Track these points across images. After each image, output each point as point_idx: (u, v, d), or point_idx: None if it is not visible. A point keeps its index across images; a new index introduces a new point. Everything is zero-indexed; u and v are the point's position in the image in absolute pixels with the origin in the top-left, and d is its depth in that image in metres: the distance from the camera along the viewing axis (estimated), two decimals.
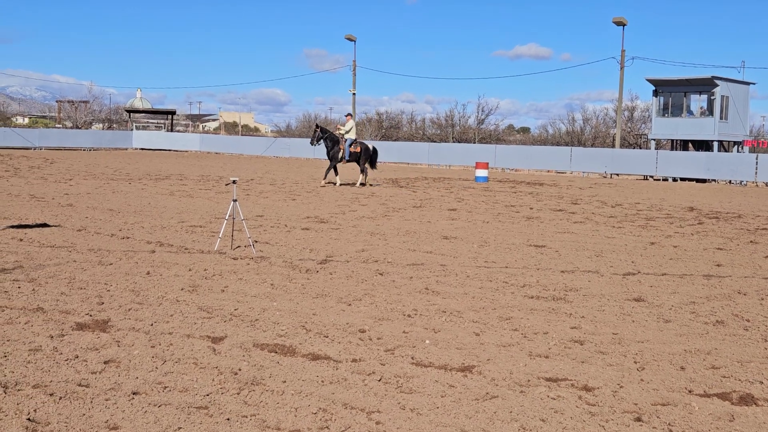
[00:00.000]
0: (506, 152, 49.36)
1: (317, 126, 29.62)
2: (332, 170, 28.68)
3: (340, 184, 28.49)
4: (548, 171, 48.06)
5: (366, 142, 31.32)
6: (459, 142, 69.61)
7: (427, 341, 7.28)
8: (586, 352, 7.07)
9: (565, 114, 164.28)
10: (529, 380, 6.19)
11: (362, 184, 28.63)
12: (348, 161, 28.96)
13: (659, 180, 41.23)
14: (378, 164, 30.92)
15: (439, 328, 7.80)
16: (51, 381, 5.71)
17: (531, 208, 21.50)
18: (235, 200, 12.60)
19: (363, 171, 29.08)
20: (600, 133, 74.34)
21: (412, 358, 6.72)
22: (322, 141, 28.74)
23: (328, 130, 29.51)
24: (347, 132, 28.97)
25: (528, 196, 26.60)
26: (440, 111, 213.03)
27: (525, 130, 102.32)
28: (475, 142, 68.74)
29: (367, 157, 29.05)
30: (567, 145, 67.69)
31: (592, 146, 66.94)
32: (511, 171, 47.75)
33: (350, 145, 28.59)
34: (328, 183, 28.61)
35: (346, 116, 30.11)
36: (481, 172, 35.03)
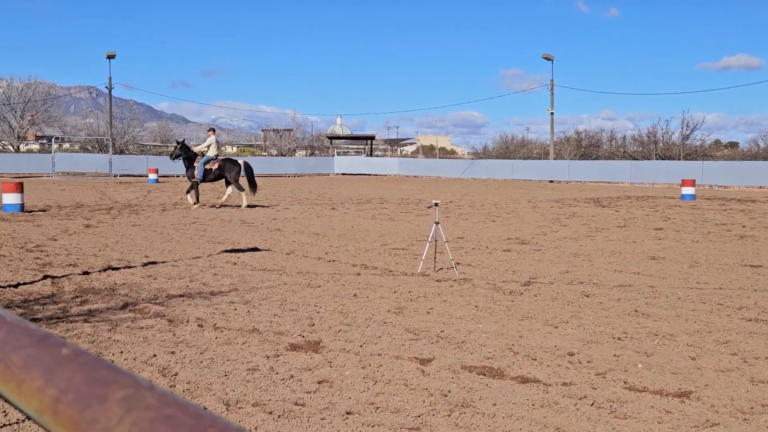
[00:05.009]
0: (714, 168, 47.35)
1: (177, 142, 26.95)
2: (195, 190, 26.05)
3: (198, 206, 25.73)
4: (760, 187, 45.63)
5: (237, 158, 28.23)
6: (662, 159, 67.40)
7: (640, 365, 7.04)
8: None
9: None
10: (752, 407, 5.85)
11: (223, 205, 25.96)
12: (204, 181, 26.03)
13: None
14: (578, 183, 29.00)
15: (652, 352, 7.52)
16: (269, 399, 5.92)
17: (744, 227, 20.47)
18: (437, 222, 12.68)
19: (228, 187, 26.02)
20: None
21: (625, 382, 6.51)
22: (180, 158, 26.16)
23: (189, 148, 26.48)
24: (207, 148, 26.15)
25: (740, 213, 25.35)
26: (642, 127, 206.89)
27: (733, 145, 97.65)
28: (679, 159, 66.34)
29: (233, 174, 25.85)
30: None
31: None
32: (719, 188, 45.71)
33: (205, 163, 25.76)
34: (202, 204, 26.20)
35: (208, 131, 27.17)
36: (688, 190, 33.72)
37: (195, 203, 26.02)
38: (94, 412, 0.66)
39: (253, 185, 26.53)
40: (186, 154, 26.08)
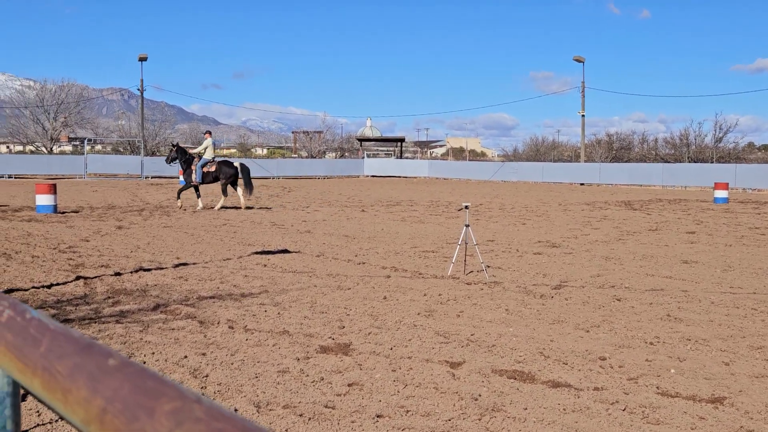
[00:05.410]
0: (747, 171, 46.87)
1: (173, 145, 26.94)
2: (195, 193, 26.19)
3: (201, 208, 25.79)
4: None
5: (233, 160, 27.91)
6: (695, 161, 66.80)
7: (673, 370, 6.97)
8: None
9: None
10: None
11: (223, 207, 25.86)
12: (202, 183, 26.08)
13: None
14: (609, 186, 28.66)
15: (685, 357, 7.46)
16: (299, 402, 5.93)
17: None
18: (467, 225, 12.65)
19: (224, 192, 26.06)
20: None
21: (657, 387, 6.46)
22: (176, 161, 26.25)
23: (186, 151, 26.61)
24: (204, 151, 26.29)
25: None
26: (674, 130, 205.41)
27: (767, 147, 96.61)
28: (712, 162, 65.73)
29: (228, 177, 26.00)
30: None
31: None
32: (753, 191, 45.24)
33: (203, 166, 25.85)
34: (203, 207, 26.10)
35: (204, 134, 27.42)
36: (721, 193, 33.40)
37: (201, 206, 26.13)
38: (142, 424, 0.66)
39: (249, 186, 26.57)
40: (183, 157, 26.21)
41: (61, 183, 39.92)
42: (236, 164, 26.65)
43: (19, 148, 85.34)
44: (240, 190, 26.49)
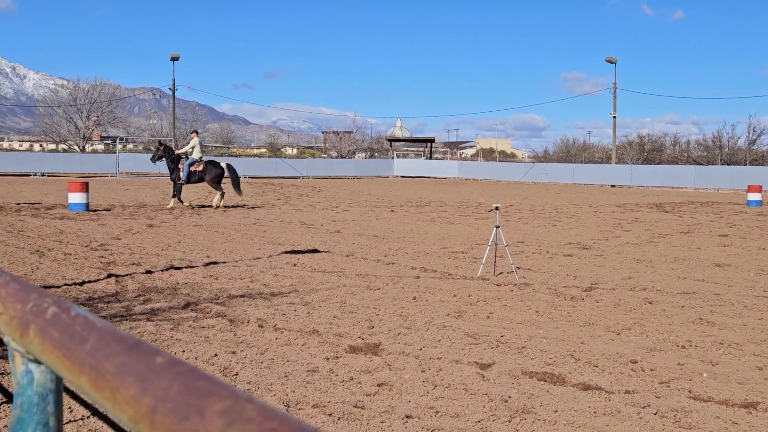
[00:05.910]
0: None
1: (160, 143, 26.85)
2: (179, 191, 26.08)
3: (187, 204, 26.05)
4: None
5: (219, 159, 27.98)
6: (727, 164, 66.20)
7: (705, 374, 6.91)
8: None
9: None
10: None
11: (217, 206, 25.70)
12: (188, 182, 26.09)
13: None
14: (640, 188, 28.35)
15: (717, 361, 7.39)
16: (329, 401, 5.94)
17: None
18: (497, 226, 12.61)
19: (220, 191, 25.94)
20: None
21: (689, 391, 6.40)
22: (163, 160, 26.13)
23: (172, 150, 26.59)
24: (191, 150, 26.30)
25: None
26: (706, 132, 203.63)
27: None
28: (745, 164, 65.09)
29: (215, 176, 25.95)
30: None
31: None
32: None
33: (190, 165, 25.76)
34: (186, 206, 25.90)
35: (191, 133, 27.44)
36: (754, 196, 33.04)
37: (172, 204, 26.01)
38: (194, 424, 0.66)
39: (237, 187, 26.62)
40: (169, 156, 26.20)
41: (93, 181, 40.26)
42: (223, 164, 26.67)
43: (52, 146, 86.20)
44: (223, 189, 26.40)
